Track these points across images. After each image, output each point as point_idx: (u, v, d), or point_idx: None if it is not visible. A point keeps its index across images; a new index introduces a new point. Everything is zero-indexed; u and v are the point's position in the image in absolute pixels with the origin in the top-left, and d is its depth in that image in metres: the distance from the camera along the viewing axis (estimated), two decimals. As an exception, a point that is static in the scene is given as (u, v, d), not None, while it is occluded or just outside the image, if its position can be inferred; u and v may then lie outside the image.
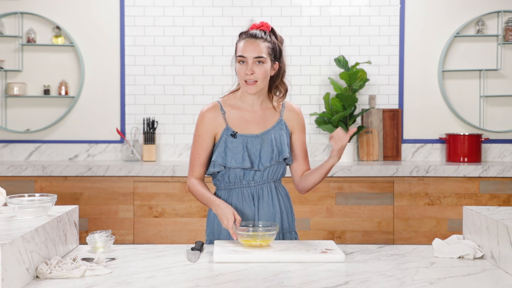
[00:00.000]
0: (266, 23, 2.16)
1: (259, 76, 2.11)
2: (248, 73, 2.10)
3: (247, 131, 2.18)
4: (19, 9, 4.31)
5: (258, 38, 2.12)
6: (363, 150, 4.27)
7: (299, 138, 2.26)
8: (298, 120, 2.25)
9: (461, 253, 1.87)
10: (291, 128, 2.24)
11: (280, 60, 2.18)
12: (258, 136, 2.17)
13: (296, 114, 2.25)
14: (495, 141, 4.34)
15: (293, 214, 2.30)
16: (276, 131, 2.19)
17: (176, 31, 4.35)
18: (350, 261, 1.83)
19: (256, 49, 2.10)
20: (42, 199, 1.87)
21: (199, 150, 2.20)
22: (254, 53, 2.10)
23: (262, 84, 2.14)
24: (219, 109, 2.21)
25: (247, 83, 2.12)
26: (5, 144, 4.33)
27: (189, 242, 3.75)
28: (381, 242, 3.79)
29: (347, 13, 4.34)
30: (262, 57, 2.10)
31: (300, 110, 2.28)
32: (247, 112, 2.21)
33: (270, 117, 2.21)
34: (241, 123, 2.19)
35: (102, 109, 4.36)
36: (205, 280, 1.61)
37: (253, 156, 2.16)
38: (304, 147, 2.27)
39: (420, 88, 4.36)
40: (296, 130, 2.25)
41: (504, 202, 3.81)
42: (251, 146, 2.16)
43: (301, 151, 2.26)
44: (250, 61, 2.10)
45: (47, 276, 1.61)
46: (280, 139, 2.18)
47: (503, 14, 4.31)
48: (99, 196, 3.83)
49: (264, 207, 2.19)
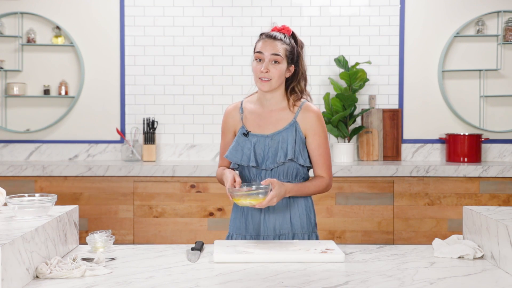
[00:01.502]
0: (287, 27, 2.22)
1: (273, 75, 2.15)
2: (264, 71, 2.15)
3: (259, 131, 2.22)
4: (19, 9, 4.31)
5: (277, 39, 2.17)
6: (363, 150, 4.27)
7: (311, 141, 2.21)
8: (311, 123, 2.20)
9: (461, 253, 1.87)
10: (304, 130, 2.21)
11: (297, 63, 2.23)
12: (269, 136, 2.20)
13: (310, 116, 2.20)
14: (495, 141, 4.34)
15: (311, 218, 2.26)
16: (287, 132, 2.19)
17: (176, 31, 4.35)
18: (350, 261, 1.83)
19: (274, 48, 2.15)
20: (42, 199, 1.87)
21: (223, 144, 2.35)
22: (271, 51, 2.15)
23: (276, 84, 2.17)
24: (239, 108, 2.30)
25: (261, 80, 2.16)
26: (5, 144, 4.33)
27: (189, 242, 3.75)
28: (381, 242, 3.79)
29: (347, 13, 4.34)
30: (279, 55, 2.14)
31: (316, 113, 2.22)
32: (263, 112, 2.25)
33: (284, 118, 2.22)
34: (255, 123, 2.24)
35: (102, 109, 4.36)
36: (205, 280, 1.61)
37: (260, 156, 2.19)
38: (318, 152, 2.20)
39: (420, 88, 4.36)
40: (308, 133, 2.21)
41: (504, 202, 3.81)
42: (260, 146, 2.20)
43: (313, 155, 2.22)
44: (266, 59, 2.15)
45: (47, 276, 1.61)
46: (288, 140, 2.18)
47: (503, 14, 4.31)
48: (99, 196, 3.83)
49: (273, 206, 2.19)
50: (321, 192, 2.25)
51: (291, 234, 2.21)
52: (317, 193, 2.23)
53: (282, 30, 2.21)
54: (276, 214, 2.21)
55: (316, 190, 2.22)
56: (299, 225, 2.22)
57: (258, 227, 2.22)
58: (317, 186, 2.21)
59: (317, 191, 2.22)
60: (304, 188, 2.18)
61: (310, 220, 2.25)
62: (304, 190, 2.18)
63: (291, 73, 2.22)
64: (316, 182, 2.21)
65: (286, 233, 2.21)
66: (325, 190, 2.25)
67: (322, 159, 2.22)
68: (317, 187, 2.21)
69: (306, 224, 2.23)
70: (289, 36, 2.21)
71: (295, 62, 2.21)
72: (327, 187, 2.24)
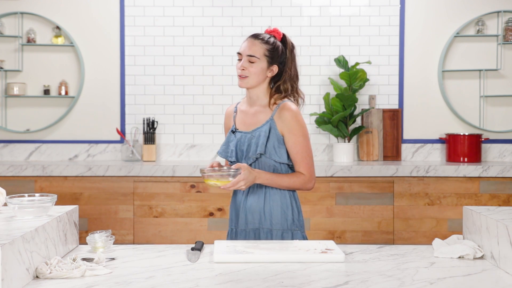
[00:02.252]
0: (278, 30, 2.31)
1: (249, 73, 2.26)
2: (240, 69, 2.27)
3: (244, 128, 2.34)
4: (19, 9, 4.31)
5: (258, 39, 2.27)
6: (363, 150, 4.27)
7: (288, 140, 2.26)
8: (287, 121, 2.24)
9: (461, 253, 1.87)
10: (280, 128, 2.26)
11: (282, 64, 2.29)
12: (249, 133, 2.31)
13: (285, 115, 2.25)
14: (495, 141, 4.34)
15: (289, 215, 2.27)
16: (262, 128, 2.27)
17: (176, 31, 4.35)
18: (350, 261, 1.83)
19: (251, 48, 2.26)
20: (42, 199, 1.87)
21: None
22: (246, 51, 2.26)
23: (253, 81, 2.27)
24: (233, 108, 2.43)
25: (239, 78, 2.28)
26: (5, 144, 4.33)
27: (189, 242, 3.75)
28: (381, 242, 3.79)
29: (347, 13, 4.34)
30: (253, 56, 2.25)
31: (292, 111, 2.25)
32: (249, 111, 2.35)
33: (264, 116, 2.30)
34: (242, 121, 2.36)
35: (102, 109, 4.36)
36: (205, 280, 1.61)
37: (240, 151, 2.31)
38: (295, 149, 2.25)
39: (420, 88, 4.36)
40: (285, 132, 2.26)
41: (504, 202, 3.81)
42: (241, 142, 2.31)
43: (291, 153, 2.27)
44: (243, 58, 2.27)
45: (47, 276, 1.61)
46: (261, 136, 2.25)
47: (503, 14, 4.31)
48: (99, 196, 3.83)
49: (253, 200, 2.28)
50: (300, 189, 2.28)
51: (265, 229, 2.26)
52: (293, 187, 2.26)
53: (272, 32, 2.30)
54: (251, 209, 2.28)
55: (290, 184, 2.25)
56: (274, 221, 2.26)
57: (237, 220, 2.33)
58: (292, 181, 2.24)
59: (292, 185, 2.25)
60: (277, 178, 2.23)
61: (287, 217, 2.27)
62: (277, 181, 2.22)
63: (273, 72, 2.29)
64: (292, 176, 2.25)
65: (260, 227, 2.26)
66: (303, 186, 2.27)
67: (300, 157, 2.26)
68: (292, 181, 2.24)
69: (281, 221, 2.26)
70: (276, 37, 2.29)
71: (279, 62, 2.28)
72: (305, 183, 2.26)
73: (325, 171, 3.78)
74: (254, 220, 2.27)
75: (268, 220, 2.26)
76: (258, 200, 2.27)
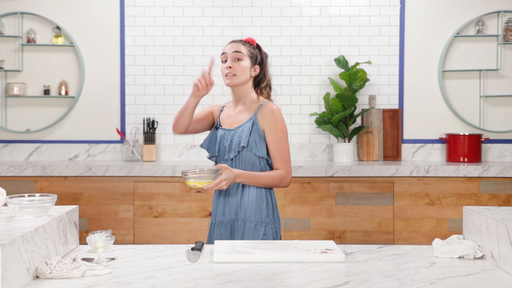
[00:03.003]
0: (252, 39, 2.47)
1: (236, 71, 2.37)
2: (227, 67, 2.38)
3: (227, 126, 2.45)
4: (19, 9, 4.31)
5: (238, 42, 2.44)
6: (363, 150, 4.27)
7: (268, 135, 2.37)
8: (268, 117, 2.36)
9: (461, 253, 1.87)
10: (262, 125, 2.37)
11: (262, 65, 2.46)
12: (232, 130, 2.41)
13: (266, 111, 2.37)
14: (495, 141, 4.34)
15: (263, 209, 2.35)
16: (245, 125, 2.37)
17: (176, 31, 4.35)
18: (350, 261, 1.83)
19: (235, 47, 2.41)
20: (42, 199, 1.87)
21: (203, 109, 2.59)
22: (233, 49, 2.39)
23: (240, 79, 2.39)
24: (220, 107, 2.56)
25: (226, 76, 2.39)
26: (5, 144, 4.33)
27: (189, 242, 3.75)
28: (381, 242, 3.79)
29: (347, 13, 4.34)
30: (240, 52, 2.38)
31: (273, 109, 2.37)
32: (234, 110, 2.48)
33: (246, 113, 2.42)
34: (227, 119, 2.48)
35: (102, 109, 4.36)
36: (205, 280, 1.61)
37: (223, 147, 2.41)
38: (274, 144, 2.36)
39: (420, 88, 4.36)
40: (265, 128, 2.37)
41: (504, 202, 3.81)
42: (224, 138, 2.42)
43: (270, 148, 2.38)
44: (229, 57, 2.39)
45: (47, 276, 1.61)
46: (244, 130, 2.35)
47: (503, 14, 4.31)
48: (99, 196, 3.83)
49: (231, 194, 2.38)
50: (277, 186, 2.38)
51: (241, 221, 2.35)
52: (271, 184, 2.37)
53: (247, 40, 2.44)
54: (228, 201, 2.39)
55: (269, 181, 2.35)
56: (248, 213, 2.34)
57: (215, 212, 2.42)
58: (271, 177, 2.35)
59: (270, 182, 2.36)
60: (256, 176, 2.34)
61: (261, 211, 2.35)
62: (256, 178, 2.33)
63: (256, 72, 2.44)
64: (270, 173, 2.36)
65: (236, 219, 2.36)
66: (280, 183, 2.38)
67: (278, 152, 2.36)
68: (270, 178, 2.35)
69: (255, 214, 2.34)
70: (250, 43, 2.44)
71: (259, 64, 2.45)
72: (282, 180, 2.37)
73: (325, 171, 3.78)
74: (231, 212, 2.37)
75: (243, 212, 2.35)
76: (236, 193, 2.37)
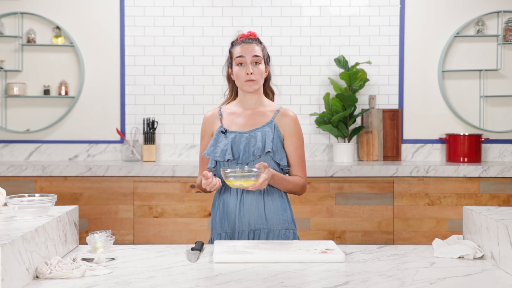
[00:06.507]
0: (253, 32, 2.37)
1: (257, 76, 2.28)
2: (249, 73, 2.26)
3: (237, 128, 2.31)
4: (19, 9, 4.31)
5: (253, 42, 2.32)
6: (363, 150, 4.27)
7: (289, 143, 2.30)
8: (289, 125, 2.30)
9: (461, 253, 1.87)
10: (282, 132, 2.30)
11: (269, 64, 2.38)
12: (246, 132, 2.28)
13: (287, 119, 2.31)
14: (495, 141, 4.34)
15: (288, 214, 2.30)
16: (266, 128, 2.28)
17: (176, 31, 4.35)
18: (350, 261, 1.83)
19: (253, 50, 2.29)
20: (42, 199, 1.87)
21: (202, 150, 2.37)
22: (252, 53, 2.28)
23: (259, 84, 2.30)
24: (218, 112, 2.38)
25: (246, 82, 2.27)
26: (5, 144, 4.33)
27: (189, 242, 3.75)
28: (381, 242, 3.79)
29: (347, 13, 4.34)
30: (259, 56, 2.28)
31: (295, 117, 2.33)
32: (243, 112, 2.34)
33: (262, 117, 2.32)
34: (234, 122, 2.33)
35: (102, 109, 4.36)
36: (205, 280, 1.61)
37: (237, 151, 2.26)
38: (296, 153, 2.30)
39: (420, 88, 4.36)
40: (287, 135, 2.31)
41: (504, 202, 3.81)
42: (237, 141, 2.27)
43: (291, 156, 2.31)
44: (248, 61, 2.28)
45: (47, 276, 1.61)
46: (266, 135, 2.26)
47: (503, 14, 4.31)
48: (99, 196, 3.83)
49: (248, 201, 2.25)
50: (296, 192, 2.32)
51: (266, 229, 2.26)
52: (293, 190, 2.30)
53: (250, 35, 2.35)
54: (251, 210, 2.25)
55: (294, 186, 2.28)
56: (274, 221, 2.27)
57: (233, 223, 2.26)
58: (295, 184, 2.29)
59: (294, 188, 2.29)
60: (285, 180, 2.25)
61: (285, 217, 2.29)
62: (284, 183, 2.25)
63: (267, 73, 2.37)
64: (295, 179, 2.29)
65: (261, 228, 2.25)
66: (300, 190, 2.32)
67: (300, 160, 2.31)
68: (295, 184, 2.29)
69: (282, 220, 2.28)
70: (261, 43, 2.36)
71: (268, 63, 2.37)
72: (303, 188, 2.32)
73: (325, 171, 3.78)
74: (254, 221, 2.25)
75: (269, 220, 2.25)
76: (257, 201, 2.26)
